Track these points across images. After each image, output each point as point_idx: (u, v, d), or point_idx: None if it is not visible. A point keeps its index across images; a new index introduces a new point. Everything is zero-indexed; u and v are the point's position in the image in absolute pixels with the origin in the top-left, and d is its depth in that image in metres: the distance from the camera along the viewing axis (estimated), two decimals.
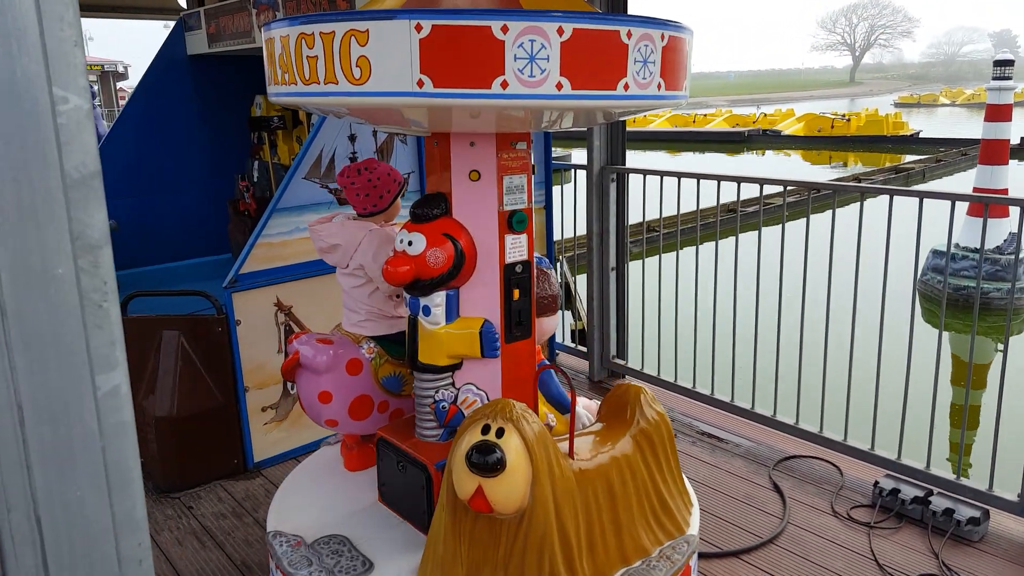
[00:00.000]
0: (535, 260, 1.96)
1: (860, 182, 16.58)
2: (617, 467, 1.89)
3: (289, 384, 3.21)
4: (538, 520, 1.66)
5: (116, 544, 0.56)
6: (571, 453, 1.81)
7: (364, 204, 2.17)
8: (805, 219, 3.09)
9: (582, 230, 4.00)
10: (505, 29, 1.36)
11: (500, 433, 1.63)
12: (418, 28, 1.36)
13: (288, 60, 1.55)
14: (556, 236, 4.78)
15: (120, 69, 22.46)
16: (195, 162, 4.89)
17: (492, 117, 1.59)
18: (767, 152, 27.17)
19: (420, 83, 1.38)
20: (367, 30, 1.40)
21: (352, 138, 3.20)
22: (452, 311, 1.84)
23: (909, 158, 23.15)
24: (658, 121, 33.88)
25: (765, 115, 33.60)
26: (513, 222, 1.82)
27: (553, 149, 4.12)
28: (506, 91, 1.39)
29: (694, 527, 2.05)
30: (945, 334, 2.89)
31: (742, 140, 29.74)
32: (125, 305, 3.04)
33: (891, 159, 23.81)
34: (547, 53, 1.39)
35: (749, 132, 30.41)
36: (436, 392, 1.91)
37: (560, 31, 1.39)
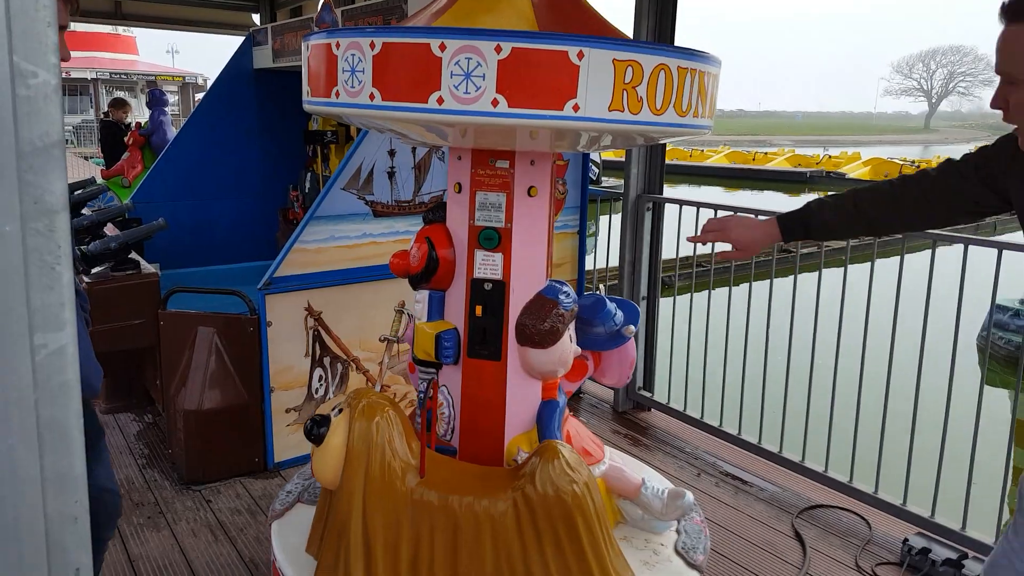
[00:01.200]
0: (544, 287, 1.90)
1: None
2: (473, 519, 1.65)
3: (313, 388, 3.27)
4: (339, 508, 1.68)
5: (44, 497, 0.58)
6: (422, 471, 1.72)
7: None
8: (870, 263, 2.93)
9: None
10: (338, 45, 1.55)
11: (339, 412, 1.75)
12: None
13: None
14: (601, 264, 4.77)
15: (200, 81, 23.63)
16: (252, 170, 5.09)
17: (471, 132, 1.60)
18: (829, 194, 26.53)
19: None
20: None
21: (391, 153, 3.28)
22: (433, 311, 1.93)
23: None
24: (716, 157, 33.51)
25: (830, 157, 32.85)
26: (481, 238, 1.85)
27: (609, 178, 4.12)
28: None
29: None
30: (1005, 393, 2.74)
31: (803, 180, 29.10)
32: (166, 300, 3.16)
33: None
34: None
35: (811, 173, 29.74)
36: (421, 383, 1.97)
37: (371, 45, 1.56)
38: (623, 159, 3.89)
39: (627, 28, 3.58)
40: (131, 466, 3.26)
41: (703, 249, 3.60)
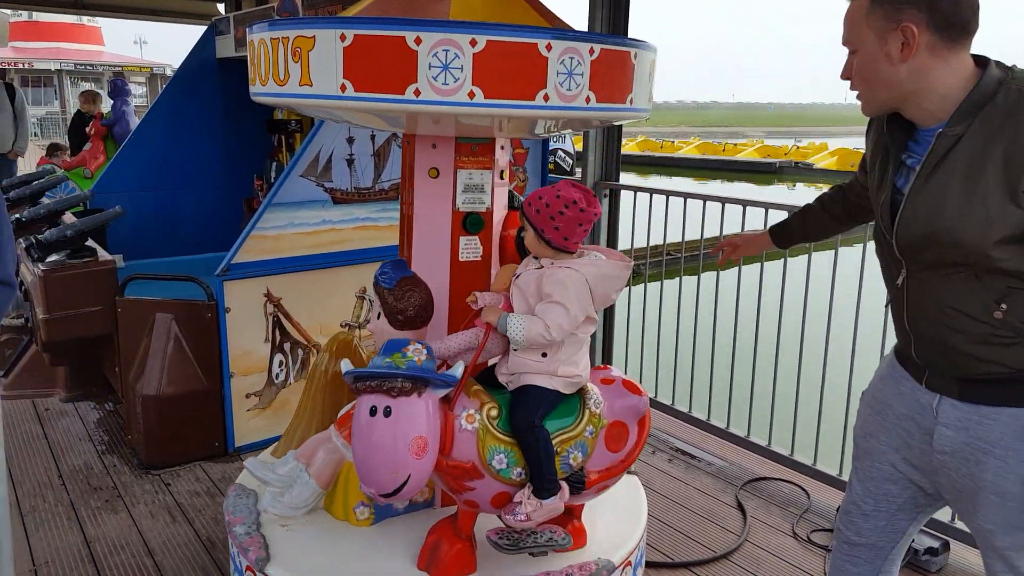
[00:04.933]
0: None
1: None
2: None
3: (274, 373, 3.32)
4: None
5: None
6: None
7: None
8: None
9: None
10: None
11: None
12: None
13: None
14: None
15: (168, 72, 23.24)
16: (216, 160, 5.06)
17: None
18: (798, 185, 26.95)
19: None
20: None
21: (350, 140, 3.32)
22: None
23: None
24: (686, 148, 33.83)
25: (798, 147, 33.29)
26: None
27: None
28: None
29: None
30: None
31: (773, 171, 29.48)
32: (123, 288, 3.18)
33: None
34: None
35: (780, 163, 30.14)
36: None
37: None
38: None
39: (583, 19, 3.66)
40: (90, 452, 3.29)
41: (672, 238, 3.70)
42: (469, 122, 1.73)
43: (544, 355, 1.75)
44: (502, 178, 2.04)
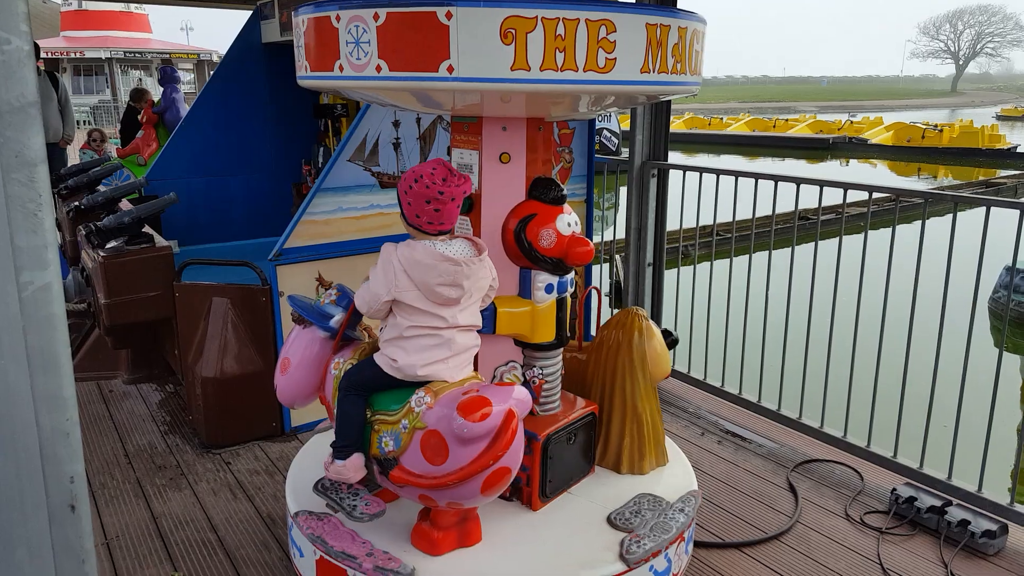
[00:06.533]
0: None
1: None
2: None
3: None
4: None
5: (37, 415, 0.68)
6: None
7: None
8: (863, 231, 3.00)
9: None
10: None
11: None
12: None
13: None
14: (621, 235, 4.77)
15: (215, 58, 23.64)
16: (265, 146, 5.14)
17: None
18: (851, 161, 26.07)
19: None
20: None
21: (396, 124, 3.34)
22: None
23: (1003, 173, 21.77)
24: (735, 125, 33.06)
25: (852, 122, 32.17)
26: None
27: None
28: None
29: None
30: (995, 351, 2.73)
31: (825, 147, 28.61)
32: (180, 272, 3.28)
33: (985, 173, 22.43)
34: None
35: (834, 139, 29.23)
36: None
37: None
38: None
39: None
40: (154, 432, 3.42)
41: (721, 218, 3.57)
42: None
43: (382, 329, 1.84)
44: (504, 161, 1.95)
